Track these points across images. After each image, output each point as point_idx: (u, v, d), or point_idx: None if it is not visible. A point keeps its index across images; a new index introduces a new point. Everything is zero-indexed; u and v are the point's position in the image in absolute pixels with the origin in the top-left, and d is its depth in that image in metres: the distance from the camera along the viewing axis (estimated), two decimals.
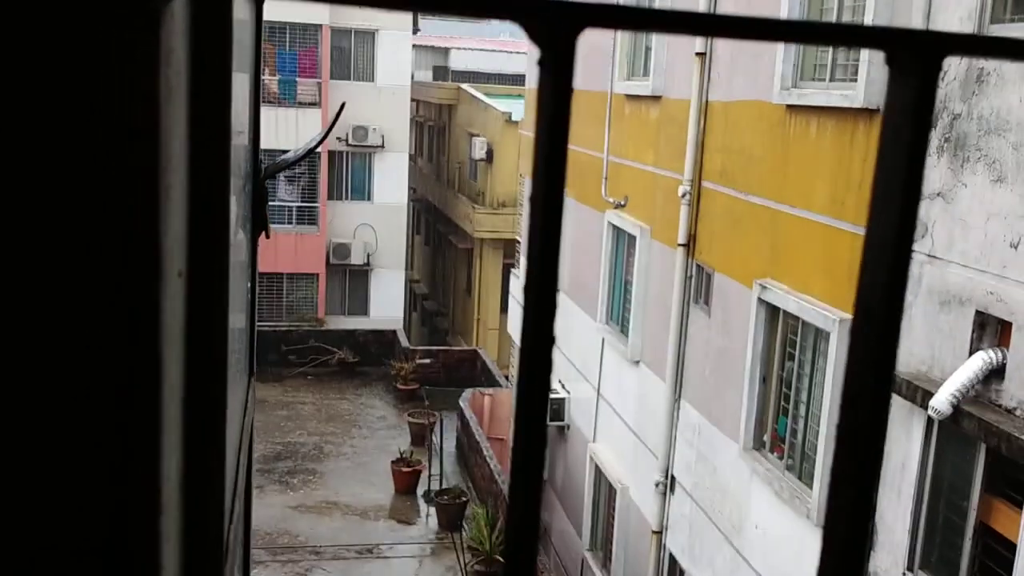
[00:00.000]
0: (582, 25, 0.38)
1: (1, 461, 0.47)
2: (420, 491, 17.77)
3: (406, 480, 17.71)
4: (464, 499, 16.82)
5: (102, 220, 0.42)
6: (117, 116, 0.40)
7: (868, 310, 0.43)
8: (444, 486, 17.41)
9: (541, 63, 0.39)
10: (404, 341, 25.24)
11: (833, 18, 8.21)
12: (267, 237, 2.13)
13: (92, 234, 0.42)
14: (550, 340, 0.43)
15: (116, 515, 0.51)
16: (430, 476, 17.66)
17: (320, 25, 25.41)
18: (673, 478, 11.02)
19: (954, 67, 6.50)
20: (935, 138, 6.68)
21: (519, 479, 0.40)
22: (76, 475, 0.50)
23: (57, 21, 0.40)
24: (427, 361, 23.15)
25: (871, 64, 7.36)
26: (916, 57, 0.40)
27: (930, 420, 6.46)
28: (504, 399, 19.68)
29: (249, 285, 1.95)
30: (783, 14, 8.63)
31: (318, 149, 25.50)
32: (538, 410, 0.42)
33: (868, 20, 7.40)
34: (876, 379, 0.43)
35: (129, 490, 0.50)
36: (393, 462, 17.97)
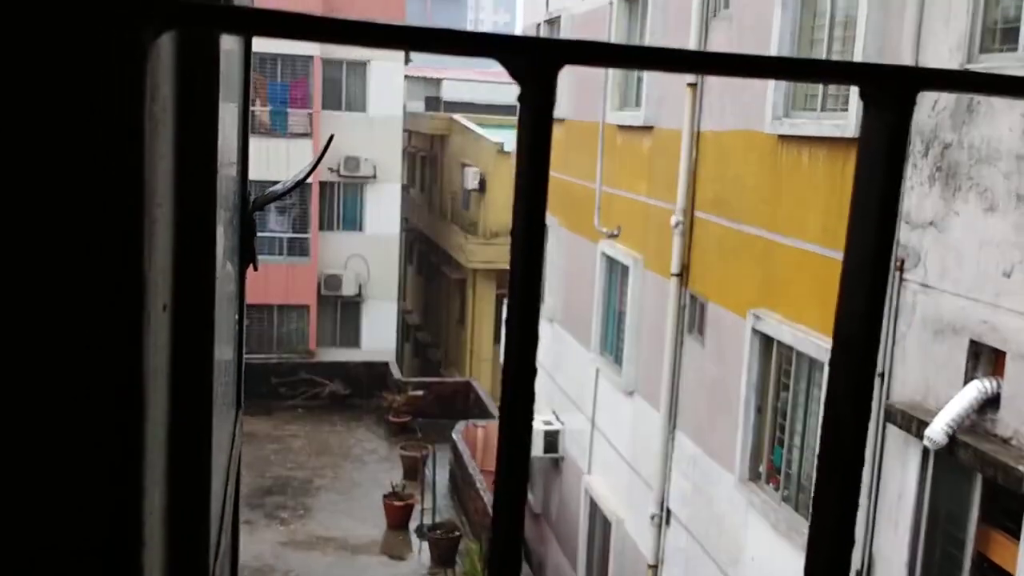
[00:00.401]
0: (560, 62, 0.38)
1: None
2: (413, 526, 17.61)
3: (398, 514, 17.56)
4: (457, 534, 16.68)
5: (85, 253, 0.41)
6: (102, 150, 0.40)
7: (847, 339, 0.43)
8: (437, 520, 17.26)
9: (521, 99, 0.39)
10: (396, 373, 25.15)
11: (824, 49, 8.30)
12: (255, 269, 2.13)
13: (74, 267, 0.42)
14: (532, 370, 0.43)
15: (97, 548, 0.51)
16: (423, 510, 17.52)
17: (312, 56, 25.56)
18: (669, 510, 10.96)
19: (944, 96, 6.56)
20: (927, 167, 6.72)
21: (503, 508, 0.40)
22: (57, 508, 0.49)
23: (44, 55, 0.40)
24: (419, 393, 23.05)
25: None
26: (889, 92, 0.40)
27: (926, 450, 6.44)
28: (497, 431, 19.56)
29: (237, 317, 1.95)
30: (773, 45, 8.72)
31: (308, 180, 25.57)
32: (521, 436, 0.41)
33: (858, 50, 7.47)
34: (855, 408, 0.43)
35: (111, 523, 0.50)
36: (385, 496, 17.82)
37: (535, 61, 0.38)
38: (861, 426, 0.44)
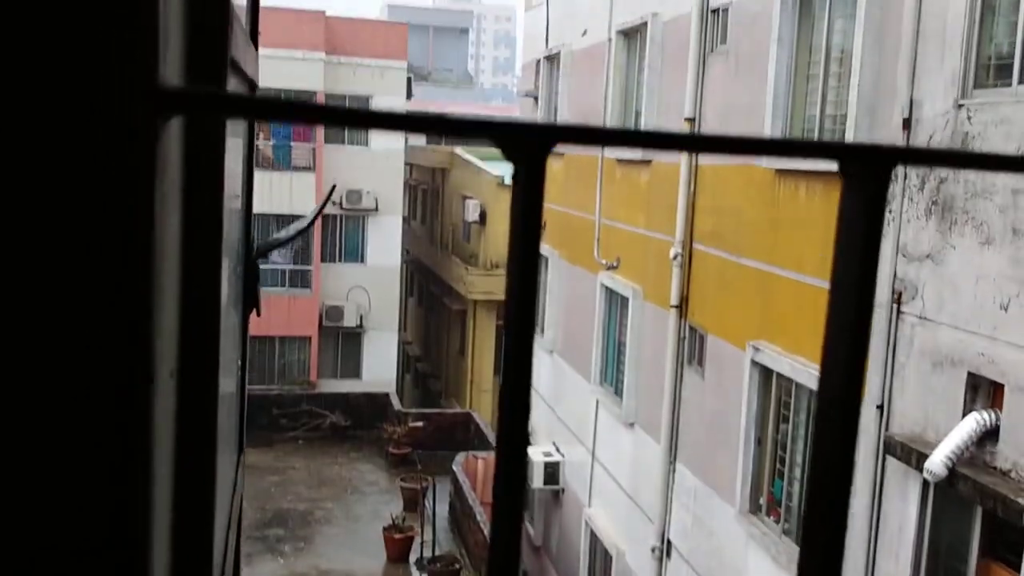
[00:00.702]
0: (551, 143, 0.40)
1: None
2: (413, 558, 17.49)
3: (398, 547, 17.45)
4: (457, 566, 16.56)
5: (95, 324, 0.43)
6: (112, 231, 0.42)
7: (829, 403, 0.45)
8: (437, 553, 17.15)
9: (514, 178, 0.41)
10: (397, 404, 25.09)
11: (819, 83, 8.37)
12: (258, 315, 2.15)
13: (85, 337, 0.43)
14: (524, 441, 0.45)
15: None
16: (423, 542, 17.41)
17: (315, 92, 25.77)
18: (669, 542, 10.90)
19: (939, 130, 6.62)
20: (923, 200, 6.77)
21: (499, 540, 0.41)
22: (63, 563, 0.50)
23: (56, 134, 0.42)
24: (420, 424, 22.98)
25: (858, 129, 7.49)
26: (866, 168, 0.42)
27: (926, 483, 6.43)
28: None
29: (239, 363, 1.96)
30: (770, 79, 8.80)
31: (307, 211, 25.63)
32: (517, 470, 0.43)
33: (853, 84, 7.54)
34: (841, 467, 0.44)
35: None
36: (385, 528, 17.72)
37: (528, 143, 0.40)
38: (847, 467, 0.46)
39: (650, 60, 11.67)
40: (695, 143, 0.40)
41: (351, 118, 0.38)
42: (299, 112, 0.38)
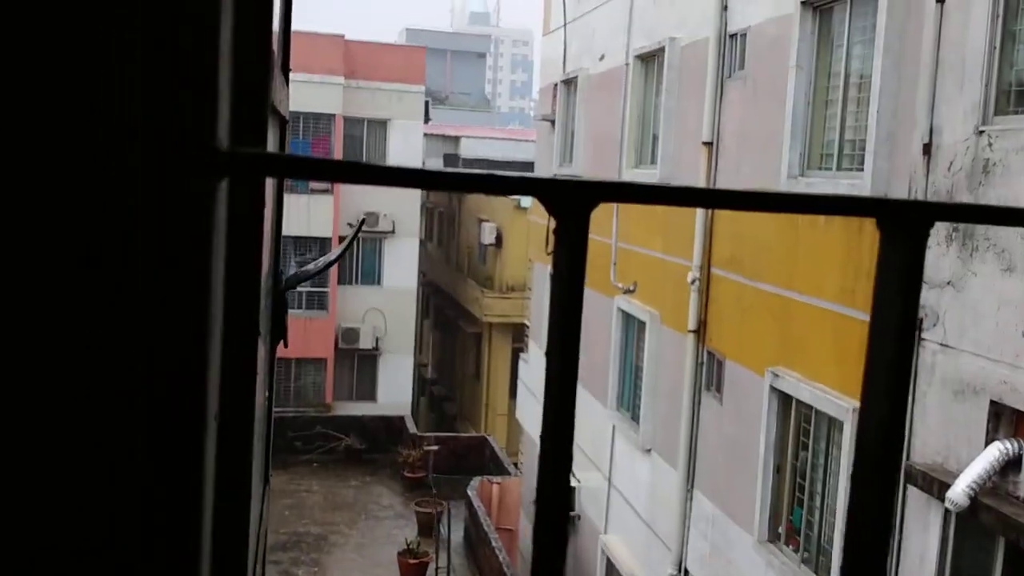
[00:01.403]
0: (594, 201, 0.40)
1: None
2: None
3: (413, 572, 17.37)
4: None
5: (152, 370, 0.44)
6: (173, 286, 0.43)
7: (866, 455, 0.45)
8: None
9: (556, 233, 0.41)
10: (412, 427, 25.06)
11: (838, 109, 8.37)
12: (285, 346, 2.16)
13: (144, 385, 0.44)
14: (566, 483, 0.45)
15: None
16: (437, 568, 17.32)
17: (333, 115, 25.96)
18: (687, 571, 10.79)
19: (959, 156, 6.59)
20: (944, 227, 6.73)
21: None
22: None
23: (121, 198, 0.43)
24: (435, 448, 22.94)
25: (877, 155, 7.47)
26: (904, 225, 0.42)
27: (947, 512, 6.35)
28: (513, 487, 19.41)
29: (267, 394, 1.97)
30: (788, 106, 8.80)
31: (324, 234, 25.77)
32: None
33: (872, 113, 7.53)
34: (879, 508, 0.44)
35: None
36: (400, 553, 17.64)
37: (571, 200, 0.40)
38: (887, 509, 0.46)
39: (668, 85, 11.70)
40: (731, 199, 0.41)
41: (393, 175, 0.39)
42: (343, 171, 0.38)
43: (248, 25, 0.72)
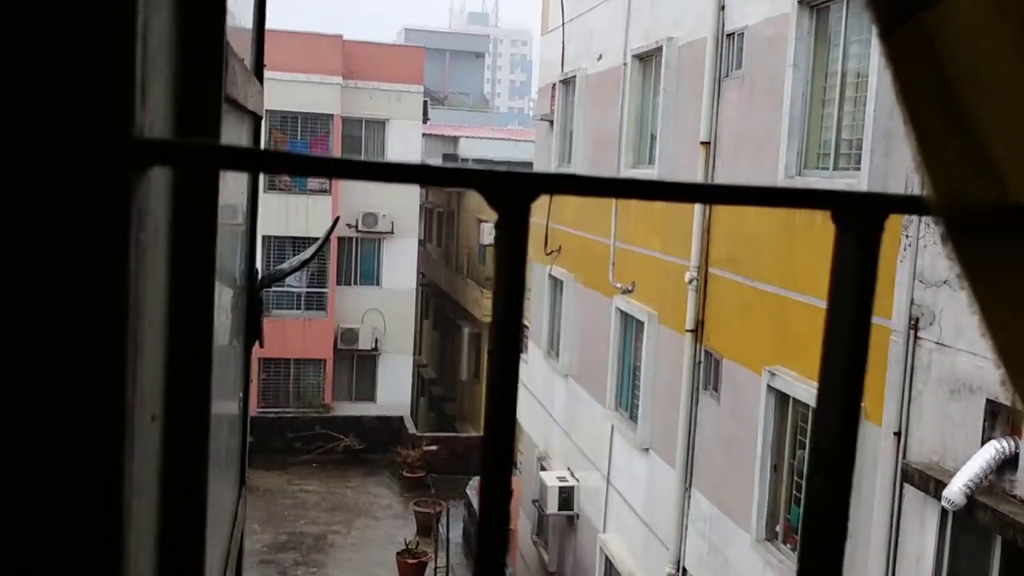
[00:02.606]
0: (535, 193, 0.39)
1: None
2: None
3: (412, 572, 17.37)
4: None
5: (63, 369, 0.43)
6: (80, 283, 0.41)
7: (823, 462, 0.44)
8: None
9: (497, 226, 0.40)
10: (411, 427, 25.05)
11: (835, 108, 8.36)
12: (261, 346, 2.14)
13: (53, 381, 0.43)
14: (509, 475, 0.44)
15: None
16: (436, 568, 17.32)
17: (331, 115, 25.95)
18: (685, 570, 10.79)
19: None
20: (939, 226, 6.71)
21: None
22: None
23: (29, 183, 0.42)
24: (434, 448, 22.94)
25: (874, 153, 7.47)
26: (859, 217, 0.41)
27: (944, 512, 6.34)
28: (513, 488, 19.37)
29: (241, 396, 1.96)
30: (786, 105, 8.80)
31: (319, 245, 25.74)
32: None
33: (869, 112, 7.53)
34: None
35: None
36: (398, 553, 17.64)
37: (512, 193, 0.39)
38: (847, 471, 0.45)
39: (665, 84, 11.69)
40: (680, 192, 0.40)
41: (328, 167, 0.37)
42: (278, 162, 0.37)
43: (196, 20, 0.71)
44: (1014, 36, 0.37)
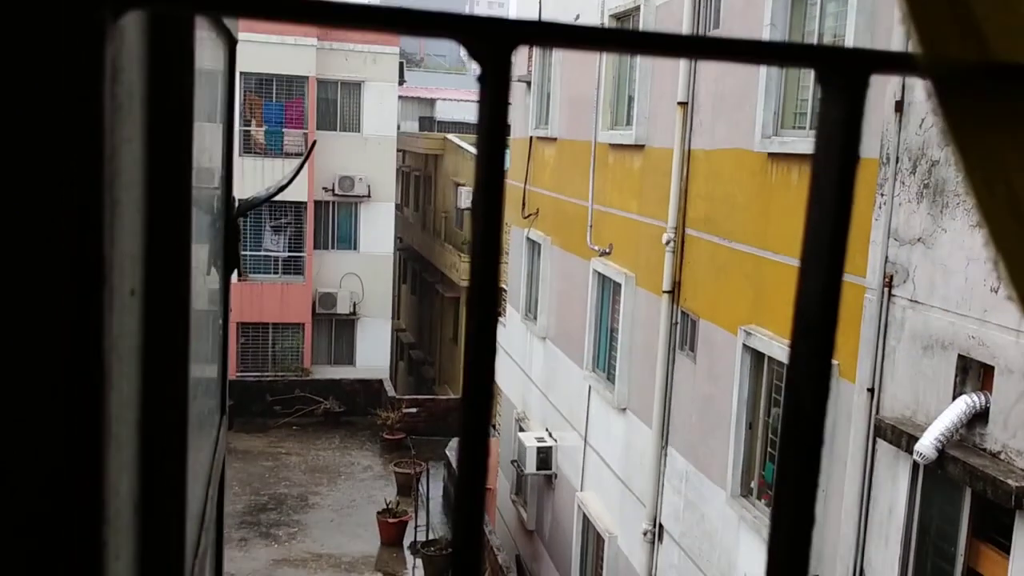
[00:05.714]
0: (516, 42, 0.39)
1: None
2: (407, 542, 17.55)
3: (392, 531, 17.50)
4: (451, 550, 16.61)
5: (40, 232, 0.42)
6: (54, 131, 0.40)
7: (806, 329, 0.44)
8: (431, 537, 17.20)
9: (480, 79, 0.40)
10: (390, 390, 25.11)
11: (811, 77, 8.34)
12: (239, 275, 2.13)
13: (29, 245, 0.42)
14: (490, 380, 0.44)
15: (56, 526, 0.50)
16: (416, 527, 17.46)
17: (307, 77, 25.66)
18: (661, 526, 10.93)
19: (931, 114, 6.61)
20: (915, 184, 6.76)
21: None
22: (9, 494, 0.49)
23: None
24: (413, 410, 23.03)
25: None
26: (843, 74, 0.41)
27: (915, 465, 6.45)
28: (492, 448, 19.53)
29: (222, 321, 1.95)
30: (761, 72, 8.77)
31: (300, 198, 25.56)
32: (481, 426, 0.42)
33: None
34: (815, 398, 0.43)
35: (70, 501, 0.49)
36: (379, 513, 17.77)
37: (493, 41, 0.39)
38: (820, 408, 0.45)
39: None
40: (661, 44, 0.39)
41: (311, 12, 0.37)
42: (251, 3, 0.36)
43: None
44: None
